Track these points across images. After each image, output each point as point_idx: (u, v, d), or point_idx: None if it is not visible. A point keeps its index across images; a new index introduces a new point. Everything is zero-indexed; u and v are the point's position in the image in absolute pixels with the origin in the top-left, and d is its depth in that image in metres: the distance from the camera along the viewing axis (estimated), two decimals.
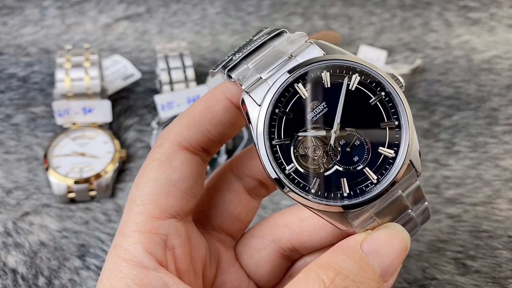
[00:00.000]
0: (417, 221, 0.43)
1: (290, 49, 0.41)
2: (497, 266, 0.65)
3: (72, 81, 0.79)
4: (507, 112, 0.84)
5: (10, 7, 1.03)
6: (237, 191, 0.48)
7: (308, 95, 0.40)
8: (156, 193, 0.41)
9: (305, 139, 0.40)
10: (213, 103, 0.43)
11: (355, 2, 1.05)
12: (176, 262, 0.41)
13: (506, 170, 0.76)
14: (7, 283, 0.63)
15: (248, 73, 0.40)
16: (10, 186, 0.74)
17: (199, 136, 0.43)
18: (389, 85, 0.40)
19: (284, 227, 0.48)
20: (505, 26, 1.00)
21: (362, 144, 0.40)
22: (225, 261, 0.47)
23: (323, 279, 0.36)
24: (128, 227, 0.40)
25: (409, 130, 0.40)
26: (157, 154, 0.42)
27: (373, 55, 0.91)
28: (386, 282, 0.39)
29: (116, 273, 0.38)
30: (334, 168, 0.40)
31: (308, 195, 0.39)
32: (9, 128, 0.81)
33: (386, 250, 0.38)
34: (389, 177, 0.39)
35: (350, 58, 0.40)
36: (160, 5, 1.04)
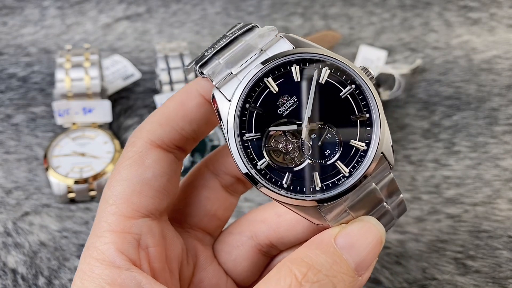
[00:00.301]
0: (393, 214, 0.42)
1: (260, 43, 0.41)
2: (497, 266, 0.65)
3: (72, 81, 0.79)
4: (507, 112, 0.84)
5: (10, 7, 1.03)
6: (214, 188, 0.48)
7: (278, 90, 0.40)
8: (128, 192, 0.40)
9: (277, 134, 0.40)
10: (186, 100, 0.43)
11: (355, 2, 1.05)
12: (150, 261, 0.40)
13: (506, 170, 0.76)
14: (7, 283, 0.63)
15: (219, 68, 0.40)
16: (10, 186, 0.74)
17: (172, 134, 0.43)
18: (359, 77, 0.40)
19: (261, 223, 0.48)
20: (505, 26, 0.99)
21: (333, 138, 0.40)
22: (202, 259, 0.47)
23: (295, 274, 0.36)
24: (100, 227, 0.40)
25: (380, 122, 0.40)
26: (130, 153, 0.42)
27: (373, 55, 0.91)
28: (361, 276, 0.38)
29: (89, 273, 0.38)
30: (306, 162, 0.40)
31: (281, 190, 0.39)
32: (9, 128, 0.81)
33: (360, 244, 0.38)
34: (361, 170, 0.39)
35: (319, 51, 0.40)
36: (160, 5, 1.04)
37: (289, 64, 0.40)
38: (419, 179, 0.75)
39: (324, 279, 0.36)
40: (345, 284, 0.37)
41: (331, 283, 0.36)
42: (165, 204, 0.43)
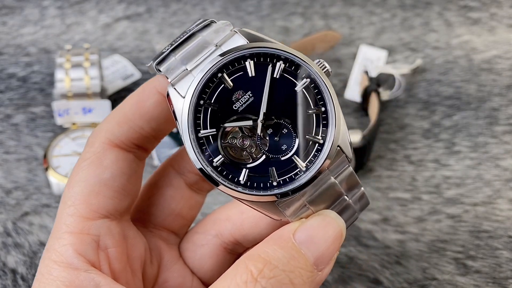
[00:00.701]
0: (355, 208, 0.42)
1: (215, 39, 0.40)
2: (497, 266, 0.64)
3: (72, 81, 0.79)
4: (507, 112, 0.84)
5: (9, 7, 1.03)
6: (178, 187, 0.47)
7: (233, 85, 0.39)
8: (86, 193, 0.40)
9: (233, 130, 0.39)
10: (144, 98, 0.42)
11: (355, 2, 1.05)
12: (110, 262, 0.40)
13: (507, 170, 0.76)
14: (7, 283, 0.63)
15: (174, 64, 0.40)
16: (10, 186, 0.74)
17: (130, 133, 0.42)
18: (314, 71, 0.40)
19: (226, 221, 0.47)
20: (505, 26, 0.99)
21: (289, 132, 0.40)
22: (167, 259, 0.46)
23: (251, 270, 0.35)
24: (59, 228, 0.39)
25: (335, 115, 0.39)
26: (88, 154, 0.41)
27: (373, 55, 0.91)
28: (322, 271, 0.38)
29: (47, 276, 0.38)
30: (263, 158, 0.39)
31: (238, 187, 0.38)
32: (9, 128, 0.81)
33: (319, 238, 0.38)
34: (317, 164, 0.39)
35: (273, 46, 0.40)
36: (160, 5, 1.04)
37: (243, 59, 0.39)
38: (419, 179, 0.75)
39: (281, 275, 0.36)
40: (303, 279, 0.36)
41: (288, 278, 0.36)
42: (125, 204, 0.43)
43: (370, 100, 0.83)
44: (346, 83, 0.89)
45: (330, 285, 0.63)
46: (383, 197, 0.73)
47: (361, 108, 0.86)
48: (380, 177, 0.76)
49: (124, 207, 0.43)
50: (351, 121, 0.84)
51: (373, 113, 0.80)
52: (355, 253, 0.66)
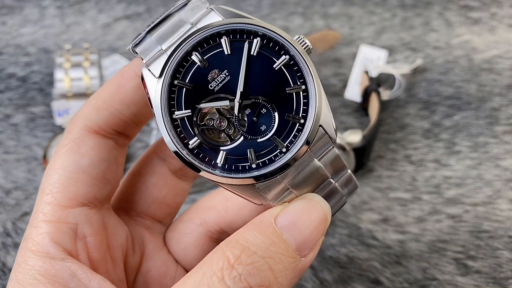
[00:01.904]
0: (343, 193, 0.41)
1: (191, 17, 0.39)
2: (497, 266, 0.64)
3: (71, 81, 0.79)
4: (507, 112, 0.84)
5: (9, 7, 1.02)
6: (162, 173, 0.46)
7: (208, 64, 0.38)
8: (64, 181, 0.39)
9: (209, 111, 0.38)
10: (123, 82, 0.41)
11: (355, 1, 1.05)
12: (89, 251, 0.39)
13: (507, 170, 0.76)
14: (6, 283, 0.63)
15: (149, 45, 0.38)
16: (10, 186, 0.74)
17: (109, 118, 0.41)
18: (293, 48, 0.38)
19: (210, 209, 0.46)
20: (505, 25, 0.99)
21: (268, 112, 0.38)
22: (150, 247, 0.45)
23: (228, 257, 0.34)
24: (36, 217, 0.39)
25: (316, 94, 0.38)
26: (66, 141, 0.40)
27: (373, 55, 0.91)
28: (305, 257, 0.36)
29: (23, 265, 0.37)
30: (241, 139, 0.38)
31: (215, 170, 0.37)
32: (8, 128, 0.81)
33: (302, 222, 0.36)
34: (298, 144, 0.37)
35: (249, 21, 0.38)
36: (159, 4, 1.04)
37: (218, 36, 0.38)
38: (419, 179, 0.75)
39: (259, 261, 0.34)
40: (284, 265, 0.35)
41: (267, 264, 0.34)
42: (105, 192, 0.42)
43: (370, 100, 0.83)
44: (346, 83, 0.89)
45: (330, 285, 0.63)
46: (383, 197, 0.73)
47: (361, 108, 0.86)
48: (380, 177, 0.76)
49: (104, 195, 0.41)
50: (351, 121, 0.84)
51: (373, 113, 0.80)
52: (355, 253, 0.66)
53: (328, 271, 0.64)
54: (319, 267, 0.64)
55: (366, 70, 0.86)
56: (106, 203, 0.43)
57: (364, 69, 0.86)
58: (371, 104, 0.83)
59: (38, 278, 0.36)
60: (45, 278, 0.36)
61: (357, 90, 0.87)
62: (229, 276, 0.33)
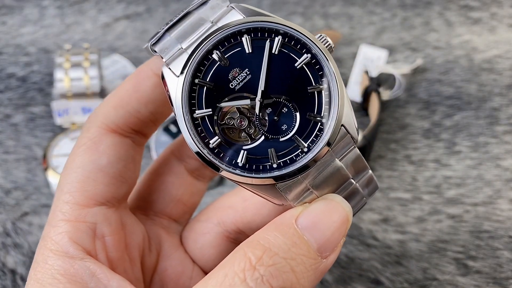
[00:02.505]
0: (364, 193, 0.40)
1: (212, 15, 0.38)
2: (498, 266, 0.64)
3: (71, 80, 0.79)
4: (508, 112, 0.84)
5: (9, 7, 1.02)
6: (179, 173, 0.46)
7: (229, 62, 0.37)
8: (82, 180, 0.39)
9: (230, 110, 0.37)
10: (141, 81, 0.41)
11: (355, 1, 1.05)
12: (107, 250, 0.39)
13: (507, 170, 0.76)
14: (6, 283, 0.63)
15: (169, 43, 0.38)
16: (9, 186, 0.74)
17: (127, 117, 0.41)
18: (315, 46, 0.38)
19: (228, 209, 0.46)
20: (506, 25, 0.99)
21: (290, 111, 0.38)
22: (166, 247, 0.45)
23: (249, 257, 0.34)
24: (55, 216, 0.38)
25: (338, 93, 0.37)
26: (84, 139, 0.40)
27: (373, 54, 0.91)
28: (327, 258, 0.36)
29: (42, 264, 0.37)
30: (262, 139, 0.37)
31: (236, 169, 0.37)
32: (8, 128, 0.81)
33: (324, 223, 0.36)
34: (319, 144, 0.37)
35: (271, 20, 0.38)
36: (159, 4, 1.04)
37: (239, 34, 0.38)
38: (419, 179, 0.75)
39: (281, 262, 0.34)
40: (305, 266, 0.35)
41: (289, 266, 0.34)
42: (123, 191, 0.41)
43: (371, 100, 0.83)
44: (346, 83, 0.89)
45: (331, 285, 0.63)
46: (383, 197, 0.73)
47: (361, 108, 0.86)
48: (380, 177, 0.76)
49: (121, 194, 0.41)
50: None
51: (374, 113, 0.80)
52: (355, 253, 0.66)
53: (328, 271, 0.64)
54: None
55: (366, 70, 0.86)
56: (123, 202, 0.42)
57: (364, 69, 0.86)
58: (371, 104, 0.83)
59: (57, 278, 0.36)
60: (64, 277, 0.36)
61: (357, 90, 0.87)
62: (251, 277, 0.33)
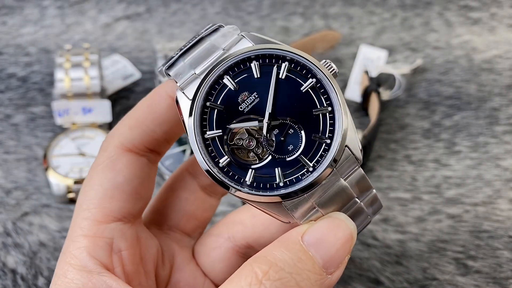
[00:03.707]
0: (368, 212, 0.42)
1: (223, 43, 0.41)
2: (497, 266, 0.64)
3: (71, 81, 0.79)
4: (507, 112, 0.84)
5: (9, 7, 1.02)
6: (192, 189, 0.48)
7: (238, 87, 0.39)
8: (100, 197, 0.41)
9: (239, 131, 0.39)
10: (156, 103, 0.43)
11: (355, 1, 1.05)
12: (124, 264, 0.41)
13: (507, 170, 0.76)
14: (6, 283, 0.63)
15: (183, 69, 0.40)
16: (10, 186, 0.74)
17: (143, 137, 0.43)
18: (320, 71, 0.40)
19: (238, 224, 0.48)
20: (505, 26, 0.99)
21: (296, 132, 0.39)
22: (179, 260, 0.47)
23: (256, 272, 0.35)
24: (74, 232, 0.41)
25: (342, 115, 0.39)
26: (102, 158, 0.42)
27: (373, 55, 0.91)
28: (332, 274, 0.37)
29: (62, 278, 0.39)
30: (269, 158, 0.39)
31: (244, 188, 0.38)
32: (9, 128, 0.81)
33: (329, 240, 0.37)
34: (324, 164, 0.38)
35: (278, 47, 0.40)
36: (160, 4, 1.04)
37: (248, 60, 0.40)
38: (419, 179, 0.75)
39: (287, 277, 0.35)
40: (311, 282, 0.36)
41: (294, 280, 0.35)
42: (138, 208, 0.43)
43: (370, 100, 0.83)
44: (346, 83, 0.89)
45: None
46: (383, 197, 0.73)
47: (361, 108, 0.86)
48: (380, 177, 0.76)
49: (137, 210, 0.43)
50: None
51: (373, 113, 0.80)
52: (355, 253, 0.66)
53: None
54: None
55: (366, 70, 0.86)
56: (138, 217, 0.44)
57: (364, 69, 0.87)
58: (371, 104, 0.83)
59: None
60: None
61: (357, 90, 0.87)
62: None
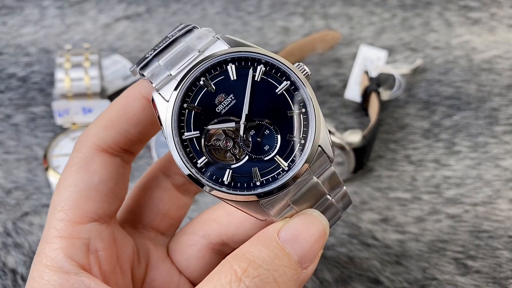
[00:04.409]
0: (338, 207, 0.43)
1: (199, 45, 0.41)
2: (497, 266, 0.64)
3: (71, 81, 0.79)
4: (507, 112, 0.84)
5: (9, 7, 1.02)
6: (166, 188, 0.48)
7: (215, 88, 0.40)
8: (75, 198, 0.41)
9: (216, 132, 0.40)
10: (130, 103, 0.43)
11: (355, 2, 1.05)
12: (101, 264, 0.41)
13: (507, 170, 0.76)
14: (6, 283, 0.63)
15: (158, 70, 0.41)
16: (10, 186, 0.74)
17: (117, 137, 0.43)
18: (294, 74, 0.41)
19: (213, 222, 0.48)
20: (505, 26, 0.99)
21: (271, 133, 0.41)
22: (154, 258, 0.47)
23: (235, 270, 0.36)
24: (49, 233, 0.40)
25: (315, 116, 0.40)
26: (76, 159, 0.42)
27: (373, 55, 0.91)
28: (306, 269, 0.39)
29: (38, 280, 0.39)
30: (246, 159, 0.40)
31: (222, 187, 0.39)
32: (9, 128, 0.81)
33: (303, 236, 0.38)
34: (299, 163, 0.40)
35: (254, 50, 0.41)
36: (160, 4, 1.04)
37: (224, 63, 0.41)
38: (419, 179, 0.75)
39: (265, 273, 0.36)
40: (287, 277, 0.37)
41: (272, 277, 0.36)
42: (114, 208, 0.44)
43: (370, 100, 0.83)
44: (346, 83, 0.89)
45: (330, 285, 0.63)
46: (383, 197, 0.73)
47: (361, 108, 0.86)
48: (380, 177, 0.76)
49: (113, 210, 0.43)
50: (351, 121, 0.84)
51: (373, 113, 0.80)
52: (355, 252, 0.66)
53: (328, 271, 0.64)
54: (319, 267, 0.64)
55: (366, 70, 0.86)
56: (114, 217, 0.44)
57: (364, 69, 0.87)
58: (371, 104, 0.83)
59: None
60: None
61: (357, 90, 0.87)
62: None
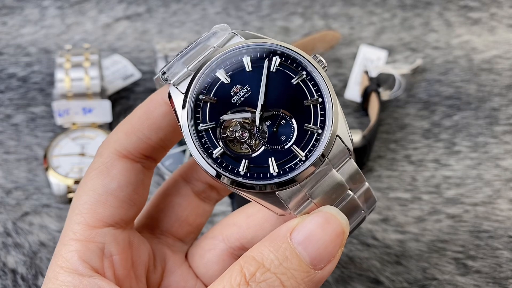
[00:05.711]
0: (362, 207, 0.42)
1: (216, 41, 0.42)
2: (497, 266, 0.64)
3: (72, 81, 0.79)
4: (507, 112, 0.84)
5: (9, 7, 1.02)
6: (186, 195, 0.49)
7: (231, 80, 0.40)
8: (93, 202, 0.41)
9: (232, 123, 0.40)
10: (152, 109, 0.43)
11: (355, 2, 1.05)
12: (115, 268, 0.42)
13: (507, 170, 0.76)
14: (7, 283, 0.63)
15: (178, 68, 0.41)
16: (10, 186, 0.74)
17: (138, 144, 0.43)
18: (310, 64, 0.41)
19: (233, 226, 0.48)
20: (505, 26, 0.99)
21: (288, 123, 0.40)
22: (171, 264, 0.47)
23: (244, 273, 0.36)
24: (66, 235, 0.41)
25: (332, 105, 0.40)
26: (97, 163, 0.43)
27: (373, 55, 0.91)
28: (322, 269, 0.37)
29: (54, 280, 0.39)
30: (262, 149, 0.40)
31: (238, 178, 0.39)
32: (9, 128, 0.81)
33: (318, 237, 0.37)
34: (316, 153, 0.39)
35: (269, 41, 0.41)
36: (160, 5, 1.04)
37: (240, 55, 0.41)
38: (419, 179, 0.75)
39: (271, 277, 0.36)
40: (296, 280, 0.36)
41: (279, 281, 0.36)
42: (131, 214, 0.44)
43: (370, 100, 0.83)
44: (346, 83, 0.89)
45: (330, 285, 0.63)
46: (383, 197, 0.73)
47: (361, 108, 0.86)
48: (380, 177, 0.76)
49: (130, 216, 0.44)
50: (351, 121, 0.84)
51: (373, 113, 0.80)
52: (355, 252, 0.66)
53: None
54: None
55: (366, 70, 0.86)
56: (130, 223, 0.45)
57: (364, 69, 0.87)
58: (371, 104, 0.83)
59: None
60: None
61: (357, 90, 0.87)
62: None
